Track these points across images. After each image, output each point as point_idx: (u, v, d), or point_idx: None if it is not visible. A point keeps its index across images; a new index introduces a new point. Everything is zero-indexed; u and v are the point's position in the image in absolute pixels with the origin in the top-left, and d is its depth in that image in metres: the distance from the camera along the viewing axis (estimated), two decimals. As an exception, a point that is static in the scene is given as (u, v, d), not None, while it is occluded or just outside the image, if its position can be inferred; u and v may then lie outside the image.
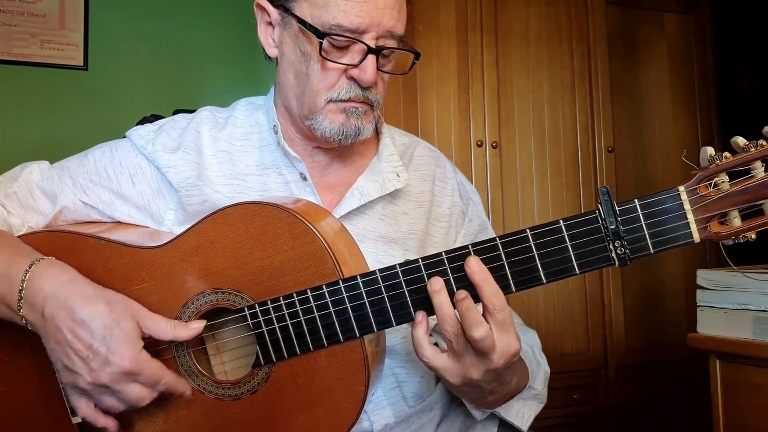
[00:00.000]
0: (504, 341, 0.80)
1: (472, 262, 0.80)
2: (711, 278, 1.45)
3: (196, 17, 2.81)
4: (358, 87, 0.96)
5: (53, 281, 0.85)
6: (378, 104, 1.01)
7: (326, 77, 0.96)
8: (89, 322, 0.82)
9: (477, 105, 2.52)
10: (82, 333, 0.82)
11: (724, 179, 0.77)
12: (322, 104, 0.98)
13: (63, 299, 0.83)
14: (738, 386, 1.40)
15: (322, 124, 0.98)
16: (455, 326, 0.80)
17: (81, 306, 0.82)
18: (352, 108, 0.98)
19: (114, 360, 0.81)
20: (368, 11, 0.92)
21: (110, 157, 1.06)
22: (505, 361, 0.81)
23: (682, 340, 1.52)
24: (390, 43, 0.96)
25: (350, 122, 0.98)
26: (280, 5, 0.99)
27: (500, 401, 0.97)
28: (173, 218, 1.04)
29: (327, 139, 0.99)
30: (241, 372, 0.90)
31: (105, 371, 0.81)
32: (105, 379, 0.82)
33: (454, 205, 1.15)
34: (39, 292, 0.84)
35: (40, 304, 0.84)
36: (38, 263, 0.87)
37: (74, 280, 0.86)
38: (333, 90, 0.97)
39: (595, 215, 0.79)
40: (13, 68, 2.56)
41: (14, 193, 1.03)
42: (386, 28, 0.94)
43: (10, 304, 0.86)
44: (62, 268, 0.87)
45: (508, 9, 2.59)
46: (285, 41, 1.01)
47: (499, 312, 0.79)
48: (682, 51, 2.88)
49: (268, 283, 0.85)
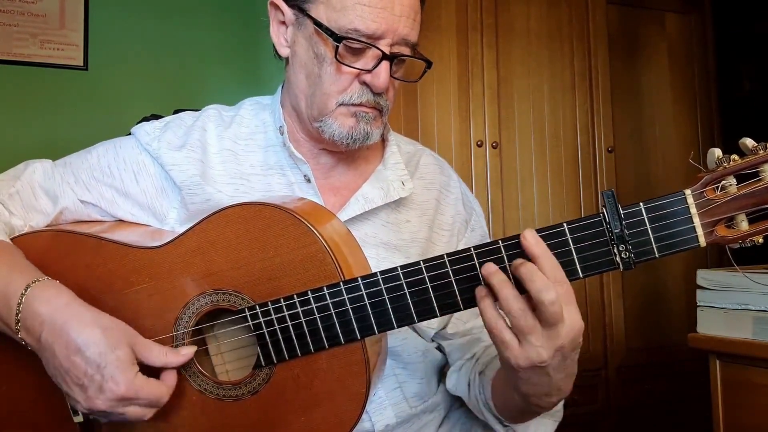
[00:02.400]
0: (570, 315, 0.77)
1: (530, 235, 0.77)
2: (711, 278, 1.45)
3: (197, 17, 2.81)
4: (370, 92, 0.97)
5: (50, 305, 0.84)
6: (387, 110, 1.01)
7: (339, 80, 0.97)
8: (84, 350, 0.81)
9: (477, 105, 2.52)
10: (77, 360, 0.82)
11: (732, 182, 0.75)
12: (333, 107, 0.98)
13: (59, 325, 0.83)
14: (738, 386, 1.40)
15: (331, 127, 0.98)
16: (521, 301, 0.77)
17: (77, 333, 0.82)
18: (362, 113, 0.98)
19: (109, 387, 0.81)
20: (385, 18, 0.93)
21: (114, 154, 1.06)
22: (572, 337, 0.78)
23: (682, 340, 1.52)
24: (404, 50, 0.97)
25: (360, 126, 0.98)
26: (296, 5, 0.99)
27: (554, 401, 0.89)
28: (176, 216, 1.03)
29: (335, 141, 0.99)
30: (243, 373, 0.90)
31: (100, 398, 0.81)
32: (102, 406, 0.82)
33: (458, 214, 1.15)
34: (36, 317, 0.84)
35: (38, 329, 0.84)
36: (34, 285, 0.86)
37: (70, 303, 0.85)
38: (345, 93, 0.97)
39: (600, 219, 0.78)
40: (13, 68, 2.55)
41: (17, 192, 1.02)
42: (401, 36, 0.95)
43: (9, 325, 0.87)
44: (58, 290, 0.87)
45: (508, 9, 2.58)
46: (298, 42, 1.01)
47: (561, 284, 0.77)
48: (682, 51, 2.88)
49: (269, 284, 0.85)
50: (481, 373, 1.03)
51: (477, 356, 1.07)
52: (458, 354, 1.09)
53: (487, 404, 1.00)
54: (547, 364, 0.78)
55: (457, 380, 1.07)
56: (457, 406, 1.14)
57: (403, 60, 1.00)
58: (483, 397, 1.01)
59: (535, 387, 0.83)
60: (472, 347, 1.08)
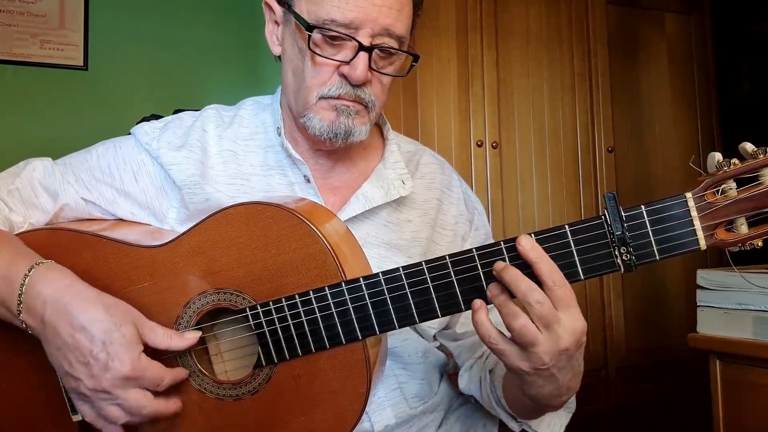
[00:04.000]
0: (571, 316, 0.77)
1: (525, 240, 0.78)
2: (711, 278, 1.45)
3: (197, 17, 2.81)
4: (348, 84, 0.96)
5: (52, 285, 0.84)
6: (373, 105, 0.99)
7: (319, 73, 0.96)
8: (89, 328, 0.81)
9: (477, 105, 2.52)
10: (81, 338, 0.81)
11: (732, 186, 0.76)
12: (313, 101, 0.97)
13: (62, 304, 0.83)
14: (738, 386, 1.40)
15: (312, 121, 0.98)
16: (539, 291, 0.76)
17: (80, 311, 0.82)
18: (342, 106, 0.97)
19: (114, 365, 0.80)
20: (363, 7, 0.92)
21: (114, 154, 1.06)
22: (575, 338, 0.77)
23: (682, 340, 1.52)
24: (388, 42, 0.95)
25: (340, 120, 0.97)
26: (284, 3, 0.99)
27: (564, 400, 0.89)
28: (175, 216, 1.03)
29: (317, 137, 0.99)
30: (243, 372, 0.90)
31: (105, 376, 0.81)
32: (106, 385, 0.81)
33: (461, 214, 1.15)
34: (38, 297, 0.84)
35: (40, 309, 0.83)
36: (38, 267, 0.86)
37: (73, 284, 0.85)
38: (324, 86, 0.96)
39: (601, 221, 0.78)
40: (13, 68, 2.55)
41: (17, 189, 1.02)
42: (382, 26, 0.93)
43: (10, 308, 0.86)
44: (61, 271, 0.87)
45: (508, 9, 2.58)
46: (286, 38, 1.01)
47: (560, 287, 0.76)
48: (682, 51, 2.88)
49: (270, 284, 0.85)
50: (491, 371, 1.03)
51: (486, 354, 1.07)
52: (468, 354, 1.10)
53: (500, 402, 1.01)
54: (549, 366, 0.78)
55: (468, 379, 1.08)
56: (456, 406, 1.14)
57: (390, 54, 0.97)
58: (495, 395, 1.01)
59: (543, 389, 0.83)
60: (482, 345, 1.08)
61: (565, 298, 0.77)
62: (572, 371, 0.83)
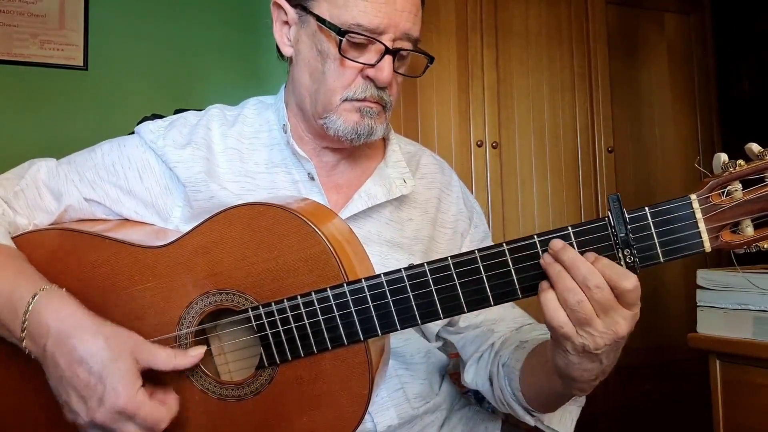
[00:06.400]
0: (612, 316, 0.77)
1: (556, 241, 0.77)
2: (711, 278, 1.44)
3: (197, 17, 2.80)
4: (374, 87, 0.98)
5: (56, 315, 0.84)
6: (390, 106, 1.02)
7: (343, 76, 0.98)
8: (87, 360, 0.81)
9: (477, 105, 2.52)
10: (80, 371, 0.81)
11: (737, 187, 0.75)
12: (337, 102, 0.99)
13: (64, 336, 0.83)
14: (738, 386, 1.40)
15: (335, 123, 0.99)
16: (598, 275, 0.76)
17: (80, 343, 0.82)
18: (366, 108, 0.99)
19: (109, 398, 0.80)
20: (387, 12, 0.94)
21: (118, 153, 1.06)
22: (629, 327, 0.78)
23: (682, 340, 1.52)
24: (406, 46, 0.98)
25: (364, 122, 0.99)
26: (298, 4, 1.00)
27: (595, 384, 0.90)
28: (180, 215, 1.03)
29: (340, 137, 1.00)
30: (245, 373, 0.90)
31: (100, 410, 0.80)
32: (101, 418, 0.80)
33: (460, 212, 1.16)
34: (41, 326, 0.84)
35: (43, 338, 0.84)
36: (41, 293, 0.86)
37: (75, 313, 0.85)
38: (349, 89, 0.98)
39: (605, 222, 0.78)
40: (13, 68, 2.55)
41: (21, 191, 1.02)
42: (403, 30, 0.96)
43: (13, 332, 0.86)
44: (64, 300, 0.87)
45: (508, 9, 2.59)
46: (301, 40, 1.01)
47: (601, 290, 0.76)
48: (682, 51, 2.88)
49: (273, 285, 0.85)
50: (504, 364, 1.03)
51: (495, 348, 1.07)
52: (473, 346, 1.10)
53: (515, 395, 1.00)
54: (602, 351, 0.78)
55: (475, 373, 1.08)
56: (458, 406, 1.14)
57: (405, 56, 1.01)
58: (509, 389, 1.01)
59: (587, 372, 0.83)
60: (488, 338, 1.09)
61: (607, 301, 0.77)
62: (615, 354, 0.83)
